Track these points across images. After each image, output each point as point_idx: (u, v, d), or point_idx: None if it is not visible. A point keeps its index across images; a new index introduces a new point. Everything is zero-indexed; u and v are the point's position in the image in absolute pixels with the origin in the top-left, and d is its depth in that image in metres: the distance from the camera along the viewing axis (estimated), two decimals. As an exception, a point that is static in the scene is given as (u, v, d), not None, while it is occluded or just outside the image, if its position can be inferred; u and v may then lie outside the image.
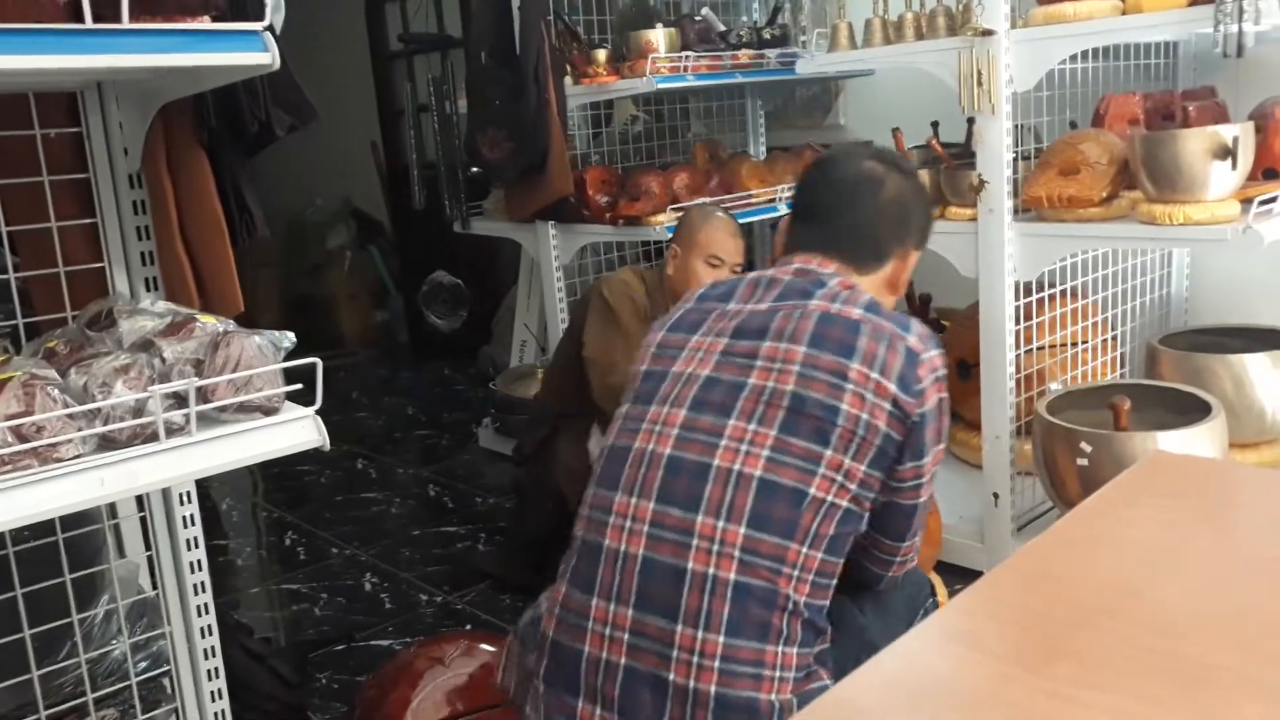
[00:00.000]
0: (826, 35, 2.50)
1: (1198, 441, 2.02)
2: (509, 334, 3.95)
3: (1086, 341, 2.54)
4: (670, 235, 2.43)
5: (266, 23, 1.02)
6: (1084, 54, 2.45)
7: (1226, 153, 1.82)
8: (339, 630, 2.44)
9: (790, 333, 1.32)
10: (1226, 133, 1.83)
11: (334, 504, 3.29)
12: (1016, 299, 2.27)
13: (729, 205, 2.86)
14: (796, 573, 1.24)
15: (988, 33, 2.03)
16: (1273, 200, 1.90)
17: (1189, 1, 1.88)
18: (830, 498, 1.26)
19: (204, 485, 3.55)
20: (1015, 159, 2.16)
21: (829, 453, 1.26)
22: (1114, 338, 2.63)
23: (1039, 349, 2.45)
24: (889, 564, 1.42)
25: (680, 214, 2.49)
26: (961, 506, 2.44)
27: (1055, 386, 2.48)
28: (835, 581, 1.29)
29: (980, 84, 2.05)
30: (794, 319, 1.33)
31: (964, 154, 2.30)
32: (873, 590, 1.46)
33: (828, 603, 1.29)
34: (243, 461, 1.06)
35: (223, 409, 1.07)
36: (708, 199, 2.88)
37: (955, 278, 2.29)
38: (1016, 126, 2.34)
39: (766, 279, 1.43)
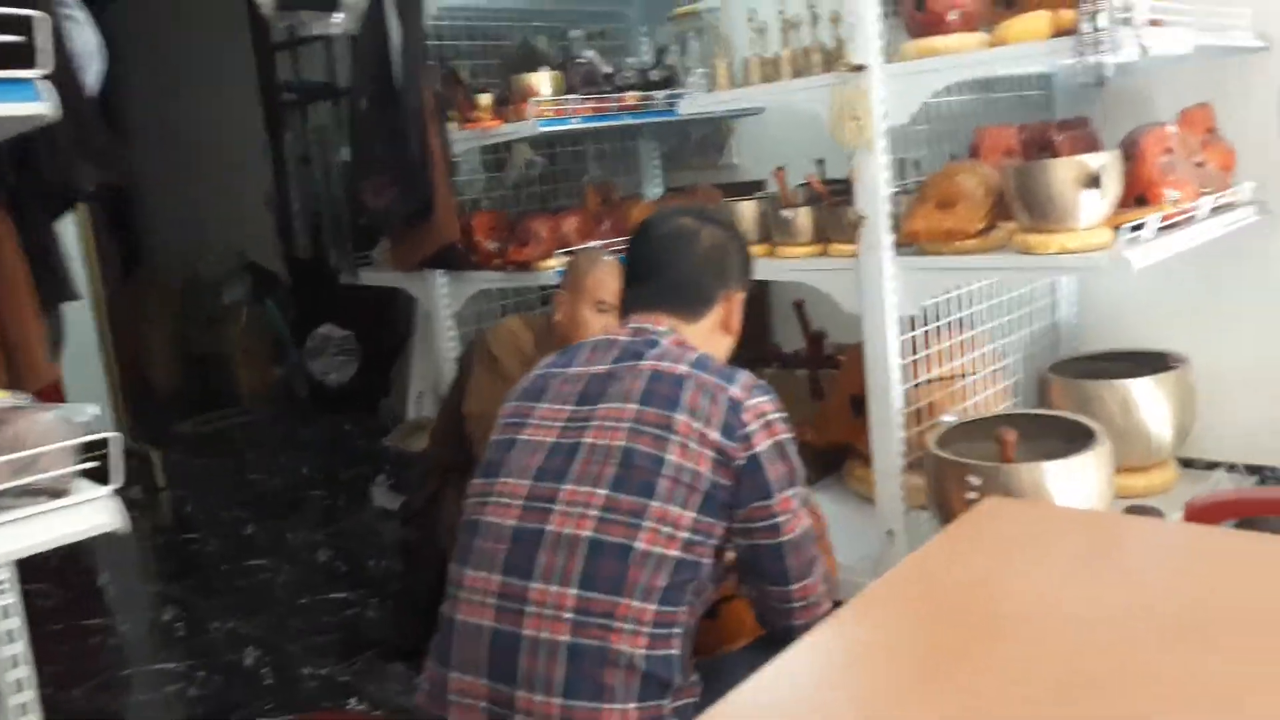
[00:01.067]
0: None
1: (1084, 469, 2.00)
2: (407, 386, 3.83)
3: (978, 372, 2.53)
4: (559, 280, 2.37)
5: (41, 71, 0.93)
6: (961, 86, 2.47)
7: (1094, 181, 1.83)
8: (213, 712, 2.30)
9: (623, 393, 1.39)
10: (1093, 161, 1.84)
11: (219, 574, 3.13)
12: (902, 333, 2.26)
13: (620, 248, 2.82)
14: (629, 627, 1.27)
15: (859, 68, 2.02)
16: (1141, 226, 1.91)
17: (1052, 33, 1.89)
18: (658, 549, 1.29)
19: (86, 560, 3.36)
20: (896, 193, 2.15)
21: (655, 504, 1.31)
22: (1005, 367, 2.63)
23: (929, 382, 2.43)
24: (789, 612, 1.43)
25: (568, 258, 2.44)
26: (860, 545, 2.39)
27: (949, 419, 2.47)
28: (681, 632, 1.31)
29: (855, 119, 2.03)
30: (627, 380, 1.40)
31: (847, 190, 2.29)
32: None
33: (676, 653, 1.30)
34: (23, 551, 0.95)
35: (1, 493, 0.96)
36: (598, 242, 2.83)
37: (851, 314, 2.26)
38: (899, 161, 2.35)
39: (606, 341, 1.50)
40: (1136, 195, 2.09)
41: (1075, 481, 2.00)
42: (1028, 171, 1.90)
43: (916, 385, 2.38)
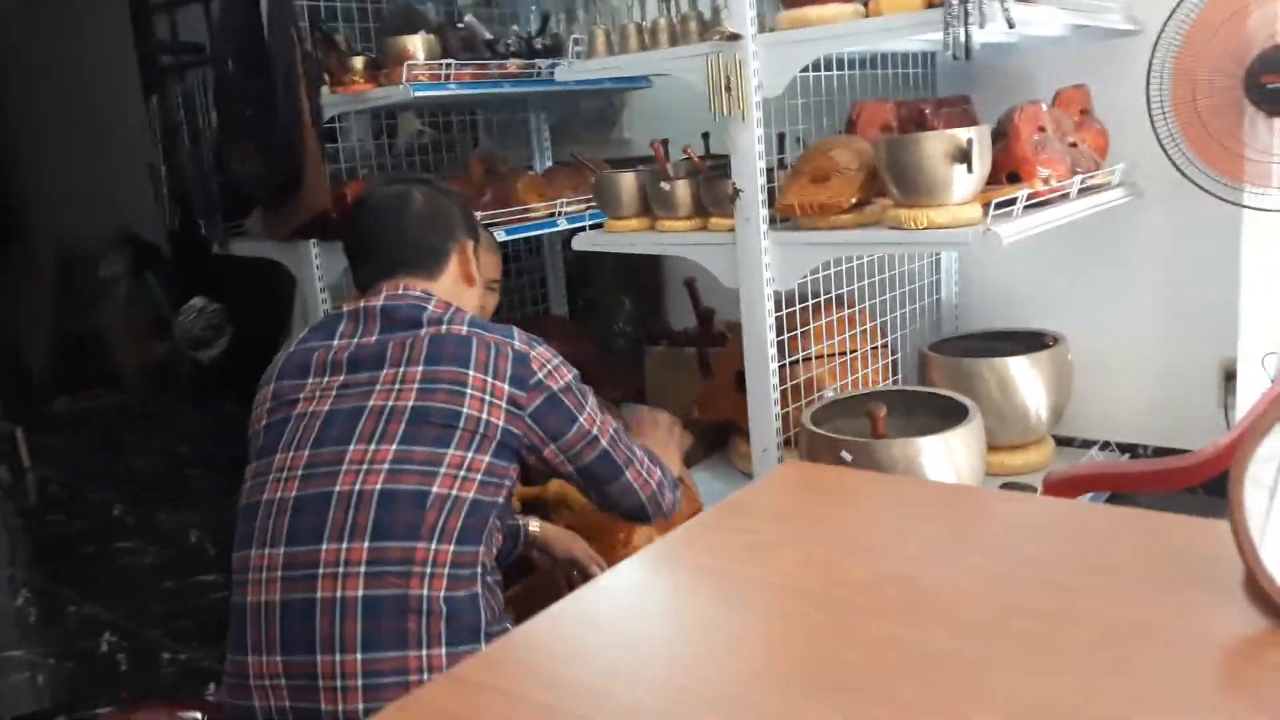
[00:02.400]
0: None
1: (954, 445, 2.01)
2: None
3: (857, 349, 2.53)
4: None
5: None
6: (843, 61, 2.45)
7: (964, 156, 1.82)
8: (61, 701, 2.18)
9: (407, 358, 1.42)
10: (963, 135, 1.83)
11: (80, 557, 2.98)
12: (778, 309, 2.23)
13: (504, 220, 2.74)
14: (428, 570, 1.29)
15: (734, 37, 1.98)
16: (1011, 203, 1.91)
17: (924, 6, 1.87)
18: (454, 492, 1.33)
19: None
20: (771, 168, 2.12)
21: (450, 452, 1.35)
22: (886, 344, 2.64)
23: (809, 358, 2.42)
24: (634, 492, 1.56)
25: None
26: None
27: (829, 394, 2.46)
28: (481, 573, 1.35)
29: (729, 90, 1.99)
30: (408, 346, 1.43)
31: (726, 164, 2.25)
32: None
33: (478, 592, 1.33)
34: None
35: None
36: (481, 214, 2.74)
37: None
38: (779, 135, 2.32)
39: (362, 312, 1.50)
40: (1009, 173, 2.09)
41: (946, 457, 2.01)
42: (899, 145, 1.88)
43: (796, 361, 2.36)
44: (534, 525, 1.85)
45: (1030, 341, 2.54)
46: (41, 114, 5.69)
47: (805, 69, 2.12)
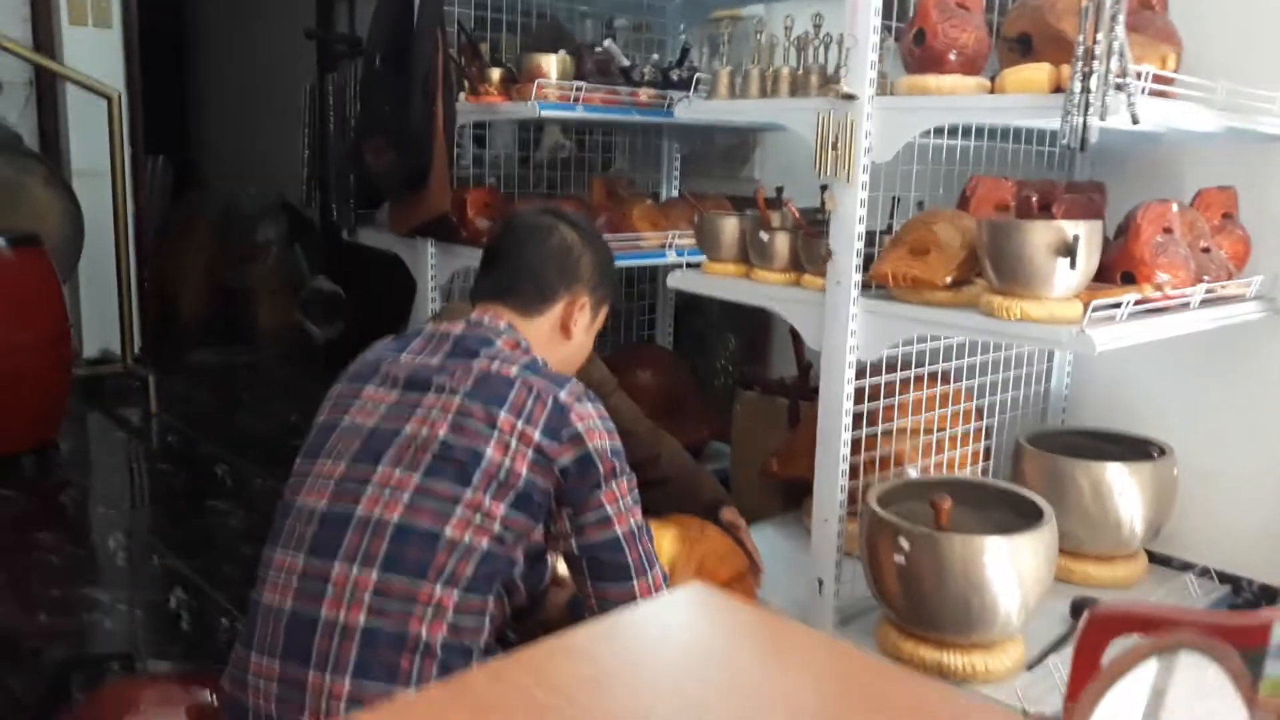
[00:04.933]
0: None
1: (1021, 549, 1.90)
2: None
3: (950, 429, 2.42)
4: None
5: None
6: (976, 131, 2.36)
7: (1068, 250, 1.72)
8: (120, 648, 2.29)
9: (450, 388, 1.40)
10: (1069, 229, 1.73)
11: (175, 510, 3.14)
12: (868, 376, 2.17)
13: (615, 245, 2.74)
14: (430, 612, 1.28)
15: (850, 96, 1.93)
16: (1116, 306, 1.80)
17: (1052, 88, 1.78)
18: (468, 538, 1.31)
19: (59, 473, 3.40)
20: (874, 233, 2.06)
21: (469, 494, 1.32)
22: (983, 428, 2.52)
23: (895, 432, 2.33)
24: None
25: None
26: (794, 588, 2.31)
27: (911, 473, 2.37)
28: (487, 624, 1.33)
29: (834, 149, 1.94)
30: (457, 375, 1.41)
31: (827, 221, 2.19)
32: None
33: (479, 644, 1.31)
34: None
35: None
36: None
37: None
38: (894, 199, 2.25)
39: (440, 333, 1.51)
40: (1124, 272, 1.97)
41: (1011, 560, 1.90)
42: (1000, 230, 1.79)
43: (878, 433, 2.28)
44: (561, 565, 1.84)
45: (1136, 448, 2.39)
46: (230, 84, 6.06)
47: (926, 135, 2.06)
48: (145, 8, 4.70)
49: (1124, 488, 2.27)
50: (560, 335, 1.59)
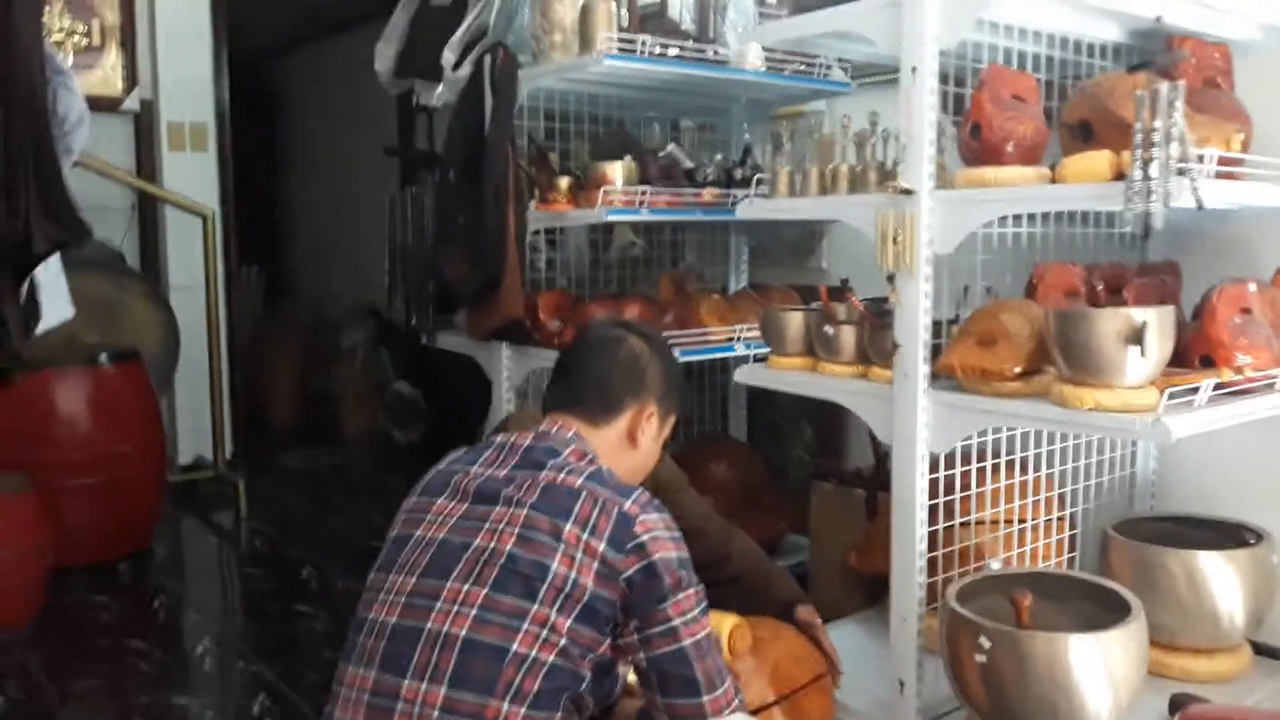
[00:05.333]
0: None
1: (1110, 647, 1.83)
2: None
3: (1033, 519, 2.36)
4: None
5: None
6: (1041, 218, 2.34)
7: (1137, 337, 1.69)
8: (206, 756, 2.33)
9: (517, 500, 1.41)
10: (1138, 316, 1.70)
11: (262, 614, 3.20)
12: (945, 468, 2.13)
13: (683, 341, 2.79)
14: None
15: (907, 192, 1.94)
16: (1194, 391, 1.75)
17: (1113, 175, 1.77)
18: (534, 653, 1.31)
19: (153, 578, 3.51)
20: (941, 323, 2.05)
21: (535, 608, 1.32)
22: (1066, 517, 2.45)
23: (970, 523, 2.28)
24: None
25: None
26: (876, 687, 2.24)
27: (994, 566, 2.31)
28: None
29: (895, 242, 1.95)
30: (524, 488, 1.42)
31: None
32: None
33: None
34: None
35: None
36: (664, 333, 2.80)
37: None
38: (965, 289, 2.24)
39: (510, 444, 1.53)
40: (1202, 355, 1.92)
41: (1101, 658, 1.83)
42: (1067, 319, 1.77)
43: (958, 526, 2.23)
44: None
45: (1231, 534, 2.29)
46: (321, 200, 6.34)
47: (989, 225, 2.06)
48: (240, 132, 4.98)
49: (1221, 576, 2.17)
50: (628, 445, 1.61)
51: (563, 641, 1.32)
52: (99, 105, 3.74)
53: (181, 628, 3.19)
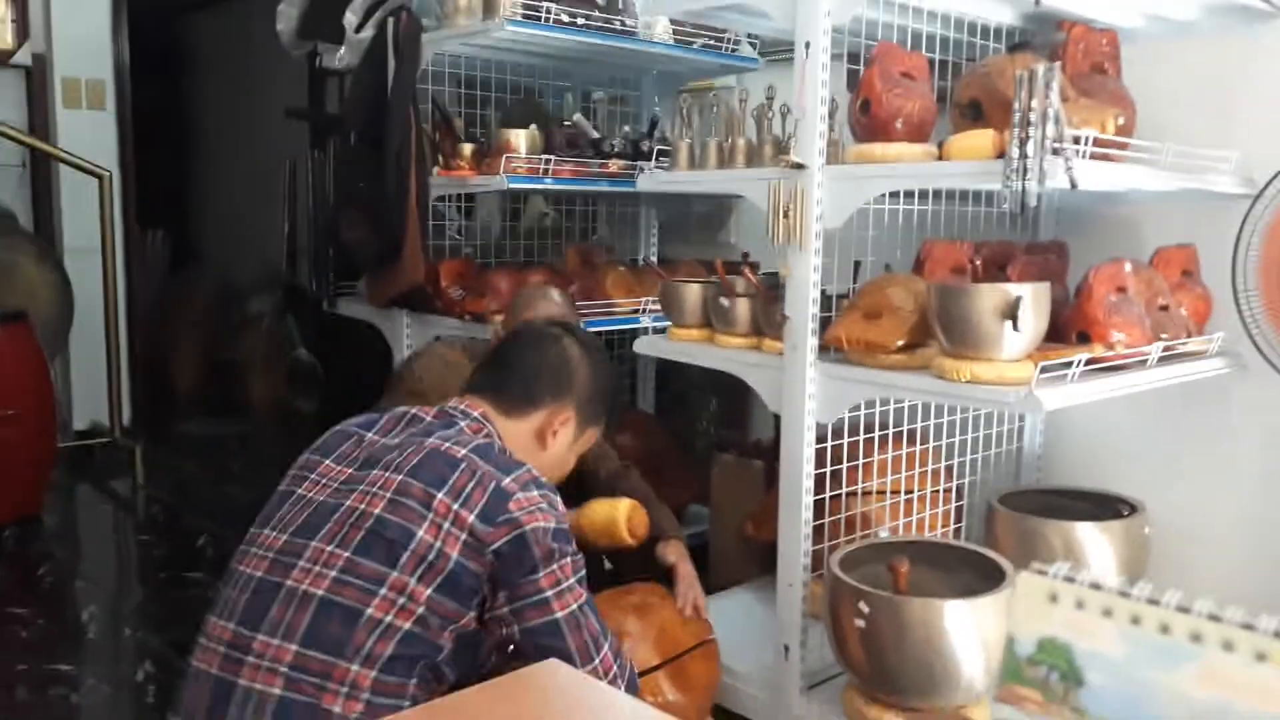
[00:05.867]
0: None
1: (983, 612, 1.89)
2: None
3: (921, 489, 2.42)
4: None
5: None
6: (933, 195, 2.38)
7: (1012, 313, 1.73)
8: (84, 723, 2.27)
9: (397, 464, 1.40)
10: (1013, 291, 1.74)
11: (153, 582, 3.13)
12: (836, 438, 2.17)
13: (588, 312, 2.78)
14: (345, 690, 1.28)
15: (799, 166, 1.96)
16: (1068, 365, 1.81)
17: (995, 153, 1.81)
18: (389, 618, 1.30)
19: (40, 546, 3.40)
20: (832, 297, 2.08)
21: (394, 574, 1.32)
22: (954, 488, 2.51)
23: (859, 493, 2.33)
24: None
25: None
26: (761, 653, 2.28)
27: (882, 535, 2.36)
28: (409, 705, 1.29)
29: (785, 217, 1.97)
30: (406, 452, 1.41)
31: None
32: None
33: None
34: None
35: None
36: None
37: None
38: (856, 264, 2.27)
39: (411, 415, 1.52)
40: (1079, 332, 1.98)
41: (974, 623, 1.88)
42: (947, 294, 1.81)
43: (842, 495, 2.28)
44: None
45: (1108, 506, 2.38)
46: (228, 162, 6.16)
47: (882, 200, 2.09)
48: (144, 91, 4.82)
49: (1096, 546, 2.25)
50: (537, 443, 1.59)
51: (420, 610, 1.31)
52: (-13, 57, 3.60)
53: (68, 595, 3.10)
